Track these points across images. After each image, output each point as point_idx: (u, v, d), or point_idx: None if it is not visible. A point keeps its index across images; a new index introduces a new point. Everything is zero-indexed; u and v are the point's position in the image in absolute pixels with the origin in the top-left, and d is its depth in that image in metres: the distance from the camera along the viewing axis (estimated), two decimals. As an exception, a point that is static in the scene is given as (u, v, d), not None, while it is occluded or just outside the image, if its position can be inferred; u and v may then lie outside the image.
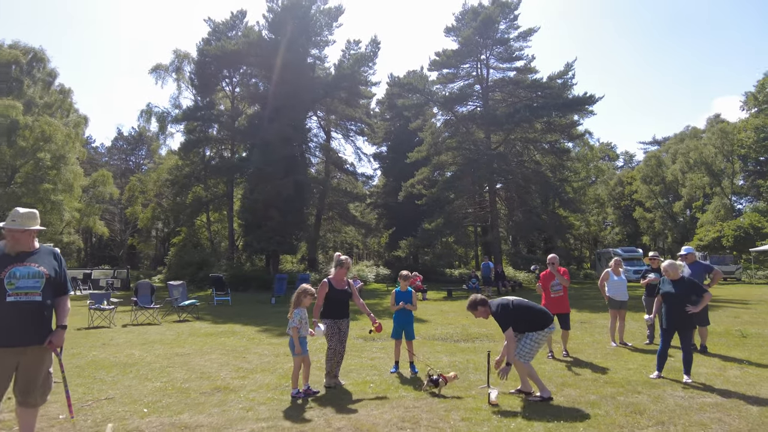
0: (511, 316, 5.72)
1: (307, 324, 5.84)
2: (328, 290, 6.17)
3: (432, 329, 11.57)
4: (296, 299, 5.91)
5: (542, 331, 5.69)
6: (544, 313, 5.90)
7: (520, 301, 5.93)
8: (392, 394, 5.81)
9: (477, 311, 5.92)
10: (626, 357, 8.07)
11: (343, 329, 6.26)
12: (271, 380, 6.56)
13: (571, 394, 5.71)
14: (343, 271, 6.33)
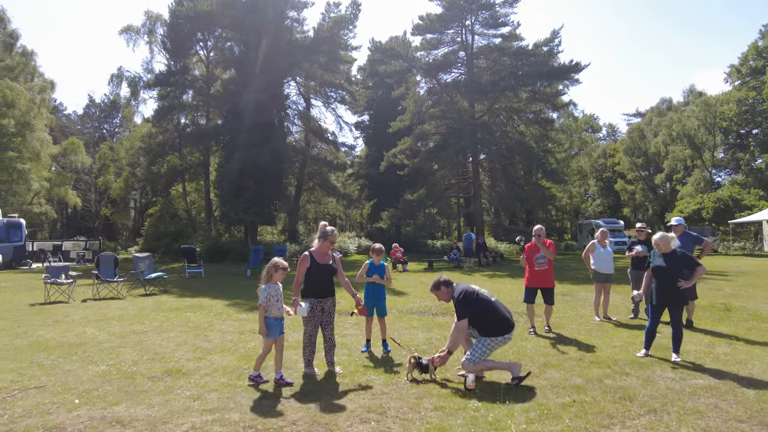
0: (472, 307, 5.14)
1: (279, 302, 5.16)
2: (309, 264, 5.47)
3: (410, 302, 11.11)
4: (266, 274, 5.21)
5: (497, 338, 5.10)
6: (506, 320, 5.19)
7: (488, 298, 5.30)
8: (360, 378, 5.30)
9: (440, 292, 5.40)
10: (611, 333, 7.70)
11: (327, 309, 5.57)
12: (229, 362, 6.00)
13: (555, 376, 5.26)
14: (327, 244, 5.58)
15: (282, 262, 5.23)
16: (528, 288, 8.10)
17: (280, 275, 5.21)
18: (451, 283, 5.41)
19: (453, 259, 22.15)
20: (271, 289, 5.13)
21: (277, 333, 5.15)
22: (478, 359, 4.98)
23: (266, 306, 5.08)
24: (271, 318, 5.10)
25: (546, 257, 7.85)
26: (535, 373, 5.38)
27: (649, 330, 6.21)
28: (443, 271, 19.35)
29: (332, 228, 5.62)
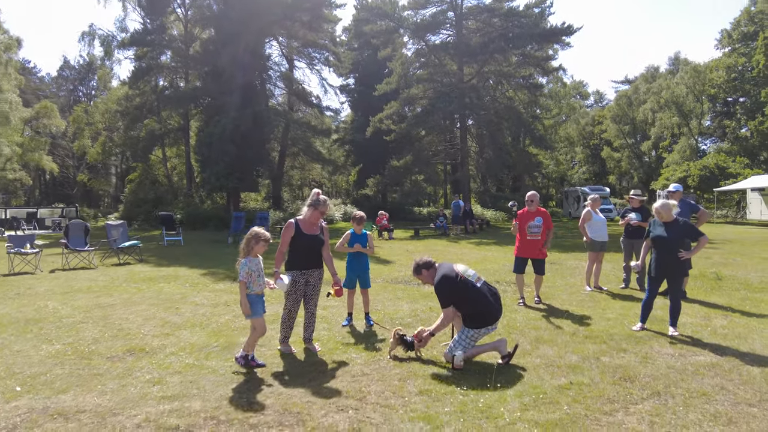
0: (454, 294, 4.63)
1: (261, 278, 4.62)
2: (294, 234, 4.98)
3: (395, 271, 10.74)
4: (245, 246, 4.62)
5: (479, 329, 4.60)
6: (491, 309, 4.65)
7: (473, 282, 4.71)
8: (340, 356, 4.90)
9: (421, 276, 4.91)
10: (603, 304, 7.39)
11: (312, 282, 5.12)
12: (198, 339, 5.56)
13: (548, 353, 4.92)
14: (318, 214, 5.06)
15: (263, 232, 4.65)
16: (518, 258, 7.62)
17: (262, 247, 4.61)
18: (432, 264, 4.87)
19: (439, 227, 21.81)
20: (252, 263, 4.56)
21: (260, 310, 4.63)
22: (462, 348, 4.55)
23: (248, 282, 4.56)
24: (252, 295, 4.57)
25: (540, 226, 7.40)
26: (527, 349, 5.03)
27: (645, 303, 5.89)
28: (429, 239, 19.04)
29: (325, 198, 5.09)
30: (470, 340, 4.57)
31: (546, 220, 7.43)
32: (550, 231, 7.50)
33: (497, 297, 4.79)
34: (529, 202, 7.46)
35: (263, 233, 4.65)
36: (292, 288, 4.99)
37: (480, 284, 4.75)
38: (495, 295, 4.78)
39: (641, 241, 8.75)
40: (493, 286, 4.93)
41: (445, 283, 4.65)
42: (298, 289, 5.03)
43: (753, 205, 28.63)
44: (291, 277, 4.95)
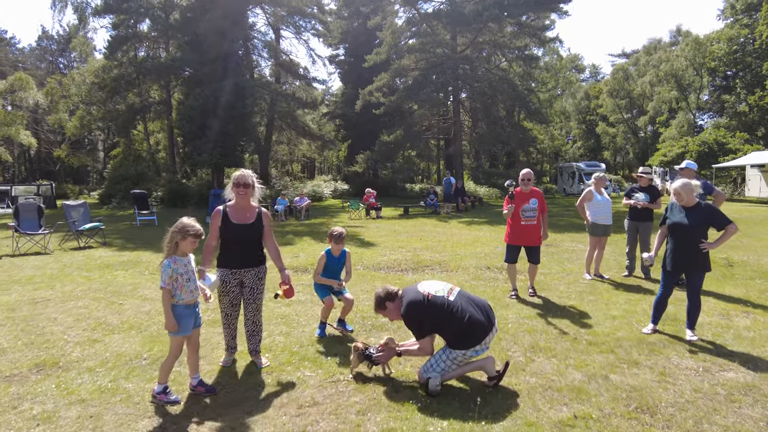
0: (429, 316, 3.70)
1: (191, 282, 3.62)
2: (221, 224, 4.03)
3: (378, 255, 9.84)
4: (169, 243, 3.60)
5: (466, 351, 3.65)
6: (474, 326, 3.63)
7: (446, 300, 3.72)
8: (290, 374, 4.01)
9: (386, 310, 3.93)
10: (606, 297, 6.54)
11: (248, 284, 4.12)
12: (129, 347, 4.67)
13: (546, 369, 4.05)
14: (245, 197, 4.06)
15: (192, 225, 3.62)
16: (510, 246, 6.68)
17: (190, 244, 3.60)
18: (395, 294, 3.88)
19: (430, 205, 20.90)
20: (178, 264, 3.56)
21: (190, 326, 3.64)
22: (442, 372, 3.65)
23: (172, 288, 3.56)
24: (181, 306, 3.58)
25: (536, 209, 6.47)
26: (520, 363, 4.16)
27: (659, 300, 5.02)
28: (419, 218, 18.13)
29: (249, 174, 4.11)
30: (451, 363, 3.66)
31: (541, 202, 6.54)
32: (544, 215, 6.64)
33: (484, 308, 3.82)
34: (525, 182, 6.49)
35: (192, 226, 3.63)
36: (223, 289, 4.07)
37: (454, 297, 3.77)
38: (480, 305, 3.82)
39: (647, 224, 7.88)
40: (477, 298, 3.92)
41: (413, 310, 3.71)
42: (230, 291, 4.10)
43: (752, 182, 27.88)
44: (219, 276, 4.03)
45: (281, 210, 18.05)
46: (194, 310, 3.72)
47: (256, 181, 4.14)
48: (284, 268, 4.20)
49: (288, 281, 4.16)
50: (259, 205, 4.22)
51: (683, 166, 7.36)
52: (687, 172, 7.26)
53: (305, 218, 18.03)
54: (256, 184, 4.12)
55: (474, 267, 8.62)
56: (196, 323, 3.74)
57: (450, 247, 10.73)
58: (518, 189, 6.54)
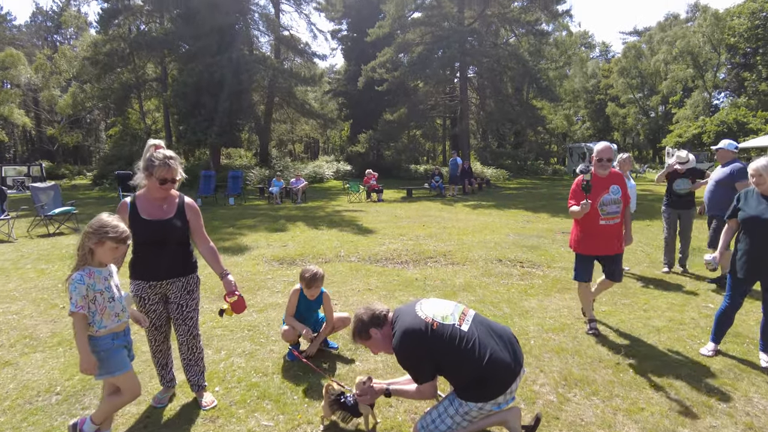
0: (431, 358, 2.59)
1: (116, 301, 2.62)
2: (129, 221, 2.94)
3: (374, 245, 8.77)
4: (81, 249, 2.57)
5: (483, 404, 2.55)
6: (497, 371, 2.54)
7: (457, 330, 2.59)
8: (238, 425, 2.96)
9: (370, 340, 2.81)
10: (643, 299, 5.46)
11: (175, 299, 3.08)
12: (45, 373, 3.65)
13: (586, 414, 2.99)
14: (161, 186, 2.94)
15: (114, 225, 2.56)
16: (582, 257, 4.49)
17: (110, 251, 2.56)
18: (383, 318, 2.75)
19: (434, 187, 19.75)
20: (95, 278, 2.54)
21: (125, 361, 2.66)
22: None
23: (88, 313, 2.50)
24: (105, 338, 2.56)
25: (618, 202, 4.32)
26: (550, 404, 3.11)
27: (723, 313, 3.93)
28: (422, 201, 17.01)
29: (166, 154, 2.97)
30: (462, 419, 2.59)
31: (624, 189, 4.39)
32: (627, 209, 4.51)
33: (509, 340, 2.70)
34: (603, 163, 4.28)
35: (112, 225, 2.55)
36: (141, 308, 3.03)
37: (468, 325, 2.65)
38: (503, 337, 2.70)
39: (689, 212, 6.77)
40: (497, 325, 2.81)
41: (411, 344, 2.60)
42: (151, 310, 3.06)
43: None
44: (133, 292, 2.99)
45: (276, 192, 16.99)
46: (125, 339, 2.70)
47: (181, 168, 3.04)
48: (227, 273, 3.09)
49: (234, 290, 3.04)
50: (180, 194, 3.13)
51: (722, 146, 6.19)
52: (727, 154, 6.12)
53: (302, 201, 16.97)
54: (182, 175, 3.04)
55: (483, 259, 7.55)
56: (130, 356, 2.74)
57: (456, 235, 9.65)
58: (592, 172, 4.31)
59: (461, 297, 5.62)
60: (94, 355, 2.51)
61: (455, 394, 2.59)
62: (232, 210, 14.81)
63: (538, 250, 8.29)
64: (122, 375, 2.61)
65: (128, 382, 2.66)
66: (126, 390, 2.67)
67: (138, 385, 2.72)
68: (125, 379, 2.64)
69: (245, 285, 6.21)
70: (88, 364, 2.46)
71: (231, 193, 17.10)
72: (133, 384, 2.69)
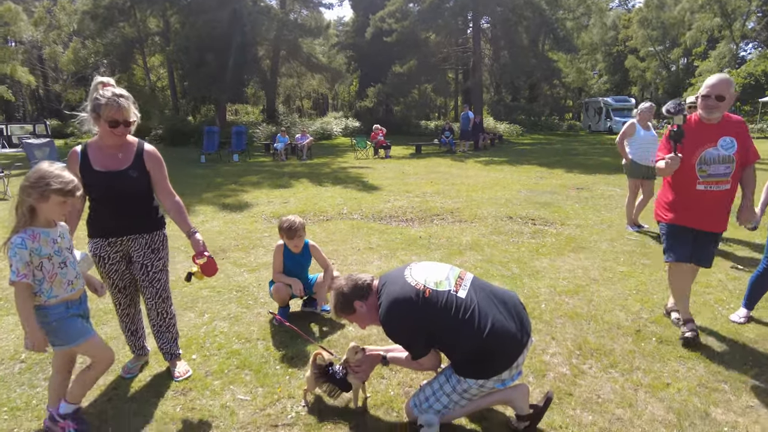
0: (424, 330, 2.22)
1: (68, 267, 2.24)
2: (81, 172, 2.51)
3: (379, 202, 8.38)
4: (19, 207, 2.17)
5: (483, 381, 2.20)
6: (502, 342, 2.16)
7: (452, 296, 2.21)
8: (212, 400, 2.66)
9: (353, 314, 2.40)
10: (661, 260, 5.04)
11: (138, 258, 2.72)
12: (14, 339, 3.41)
13: (604, 390, 2.63)
14: (114, 130, 2.50)
15: (57, 174, 2.14)
16: (673, 229, 3.29)
17: (58, 206, 2.15)
18: (366, 289, 2.35)
19: (445, 143, 19.12)
20: (40, 242, 2.15)
21: (86, 327, 2.30)
22: (442, 413, 2.27)
23: (33, 282, 2.12)
24: (57, 307, 2.20)
25: (730, 160, 3.06)
26: (563, 378, 2.77)
27: (759, 277, 3.52)
28: (432, 157, 16.47)
29: (119, 92, 2.49)
30: (460, 397, 2.25)
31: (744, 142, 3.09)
32: (748, 172, 3.16)
33: (514, 307, 2.30)
34: (711, 102, 3.05)
35: (56, 175, 2.13)
36: (102, 269, 2.69)
37: (466, 291, 2.25)
38: (507, 303, 2.30)
39: None
40: (500, 290, 2.40)
41: (399, 315, 2.22)
42: (112, 270, 2.71)
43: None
44: (91, 251, 2.64)
45: (281, 148, 16.54)
46: (81, 307, 2.32)
47: (135, 108, 2.61)
48: (194, 232, 2.68)
49: (203, 250, 2.63)
50: (140, 141, 2.72)
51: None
52: None
53: (307, 158, 16.52)
54: (137, 116, 2.61)
55: (493, 216, 7.14)
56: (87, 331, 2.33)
57: (465, 192, 9.22)
58: (693, 116, 3.19)
59: (468, 256, 5.25)
60: (44, 327, 2.15)
61: (452, 369, 2.24)
62: (237, 167, 14.45)
63: (551, 206, 7.84)
64: (85, 342, 2.26)
65: (94, 349, 2.30)
66: (96, 359, 2.33)
67: (109, 350, 2.39)
68: (90, 347, 2.29)
69: (240, 243, 5.90)
70: (35, 339, 2.09)
71: (235, 149, 16.70)
72: (103, 350, 2.34)
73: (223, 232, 6.46)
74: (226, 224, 6.95)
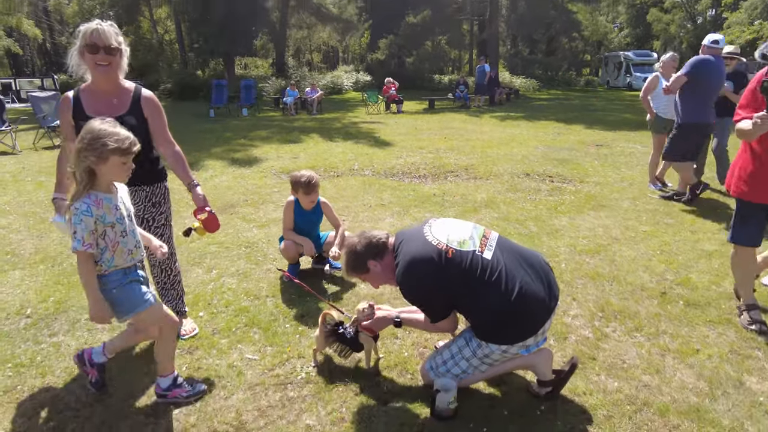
0: (445, 293, 2.05)
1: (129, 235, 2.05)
2: (73, 119, 2.35)
3: (391, 157, 8.16)
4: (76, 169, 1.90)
5: (507, 347, 2.05)
6: (529, 309, 2.00)
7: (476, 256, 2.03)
8: (218, 359, 2.57)
9: (368, 273, 2.24)
10: (689, 220, 4.83)
11: (140, 214, 2.56)
12: (20, 293, 3.34)
13: (629, 354, 2.51)
14: (115, 71, 2.34)
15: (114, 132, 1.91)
16: (747, 206, 2.82)
17: (119, 168, 1.96)
18: (383, 246, 2.18)
19: (459, 97, 18.56)
20: (104, 208, 1.95)
21: (147, 293, 2.10)
22: (460, 377, 2.13)
23: (96, 250, 1.95)
24: (115, 273, 2.02)
25: None
26: (585, 341, 2.64)
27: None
28: (446, 112, 16.02)
29: (108, 29, 2.27)
30: (480, 362, 2.12)
31: None
32: None
33: (541, 269, 2.13)
34: None
35: (111, 133, 1.90)
36: None
37: (492, 252, 2.07)
38: (534, 265, 2.13)
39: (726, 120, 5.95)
40: (527, 250, 2.23)
41: (419, 275, 2.04)
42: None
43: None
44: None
45: (290, 103, 16.17)
46: (137, 273, 2.13)
47: (123, 42, 2.39)
48: (196, 185, 2.50)
49: (205, 205, 2.47)
50: (137, 85, 2.52)
51: None
52: None
53: (317, 112, 16.16)
54: (123, 47, 2.39)
55: (509, 173, 6.91)
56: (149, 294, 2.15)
57: (480, 148, 8.94)
58: None
59: (483, 214, 5.07)
60: (105, 296, 1.98)
61: (473, 333, 2.10)
62: (246, 121, 14.19)
63: (570, 163, 7.58)
64: (146, 311, 2.08)
65: (154, 315, 2.12)
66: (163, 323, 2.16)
67: (169, 319, 2.19)
68: (150, 314, 2.10)
69: (249, 198, 5.77)
70: (99, 310, 1.95)
71: (244, 103, 16.36)
72: (161, 318, 2.16)
73: (231, 187, 6.33)
74: (235, 179, 6.80)
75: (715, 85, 5.22)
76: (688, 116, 5.24)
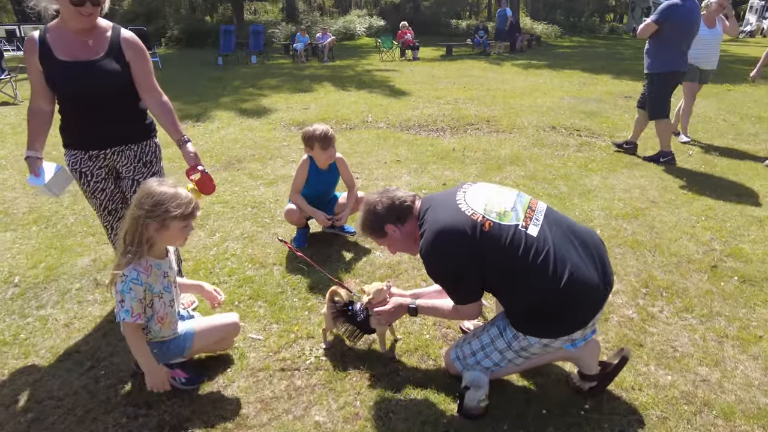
0: (478, 273, 1.71)
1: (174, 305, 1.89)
2: (41, 64, 2.02)
3: (407, 109, 7.69)
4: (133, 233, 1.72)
5: (550, 341, 1.72)
6: (581, 297, 1.66)
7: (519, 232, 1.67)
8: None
9: (386, 238, 1.91)
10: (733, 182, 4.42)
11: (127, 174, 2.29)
12: (9, 258, 3.12)
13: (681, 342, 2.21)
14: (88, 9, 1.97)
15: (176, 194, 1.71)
16: None
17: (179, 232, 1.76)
18: (406, 211, 1.85)
19: (478, 44, 17.61)
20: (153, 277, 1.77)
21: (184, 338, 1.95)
22: (491, 370, 1.86)
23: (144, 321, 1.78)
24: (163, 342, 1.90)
25: None
26: (630, 324, 2.34)
27: None
28: (464, 59, 15.22)
29: None
30: (515, 355, 1.82)
31: None
32: None
33: (596, 251, 1.78)
34: None
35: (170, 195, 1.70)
36: (85, 187, 2.27)
37: (538, 228, 1.72)
38: (590, 246, 1.78)
39: None
40: (579, 226, 1.87)
41: (448, 250, 1.72)
42: (97, 189, 2.28)
43: None
44: (70, 164, 2.23)
45: (301, 49, 15.46)
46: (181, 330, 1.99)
47: None
48: (186, 141, 2.21)
49: (197, 164, 2.18)
50: (115, 25, 2.16)
51: None
52: None
53: (329, 59, 15.45)
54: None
55: (534, 126, 6.46)
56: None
57: (501, 98, 8.40)
58: None
59: (508, 171, 4.70)
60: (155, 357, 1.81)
61: (509, 322, 1.80)
62: (255, 69, 13.62)
63: (599, 116, 7.07)
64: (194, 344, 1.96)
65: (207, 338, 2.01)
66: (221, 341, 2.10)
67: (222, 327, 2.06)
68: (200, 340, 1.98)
69: (257, 153, 5.44)
70: (159, 378, 1.78)
71: (253, 50, 15.70)
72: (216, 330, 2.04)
73: (239, 140, 5.98)
74: (243, 131, 6.44)
75: (687, 30, 4.67)
76: (659, 65, 4.76)
